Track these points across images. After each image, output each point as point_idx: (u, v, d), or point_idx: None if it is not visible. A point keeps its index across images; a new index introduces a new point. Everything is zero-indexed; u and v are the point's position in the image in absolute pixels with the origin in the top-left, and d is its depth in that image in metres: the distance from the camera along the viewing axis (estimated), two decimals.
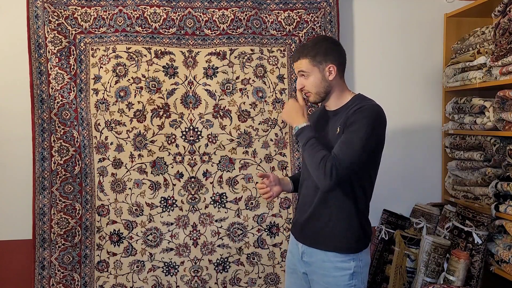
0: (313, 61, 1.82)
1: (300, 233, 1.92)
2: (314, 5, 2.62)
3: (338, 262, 1.80)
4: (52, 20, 2.46)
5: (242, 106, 2.58)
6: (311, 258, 1.87)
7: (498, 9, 2.30)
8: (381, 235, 2.65)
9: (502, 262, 2.30)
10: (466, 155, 2.58)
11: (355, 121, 1.72)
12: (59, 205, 2.50)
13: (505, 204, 2.29)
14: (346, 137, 1.72)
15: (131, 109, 2.51)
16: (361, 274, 1.83)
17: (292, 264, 1.98)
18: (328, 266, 1.81)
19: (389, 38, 2.81)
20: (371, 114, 1.74)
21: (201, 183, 2.57)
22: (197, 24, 2.55)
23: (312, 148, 1.76)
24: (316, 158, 1.72)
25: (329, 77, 1.82)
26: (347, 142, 1.71)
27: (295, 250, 1.94)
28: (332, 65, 1.81)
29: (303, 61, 1.83)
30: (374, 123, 1.74)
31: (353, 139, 1.71)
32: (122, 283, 2.54)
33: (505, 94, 2.23)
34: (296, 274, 1.96)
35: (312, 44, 1.84)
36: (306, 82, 1.85)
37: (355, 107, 1.78)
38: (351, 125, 1.73)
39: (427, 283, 2.34)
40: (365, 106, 1.76)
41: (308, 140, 1.78)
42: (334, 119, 1.86)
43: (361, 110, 1.74)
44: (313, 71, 1.83)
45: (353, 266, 1.80)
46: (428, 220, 2.67)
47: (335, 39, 1.90)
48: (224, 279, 2.59)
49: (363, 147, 1.71)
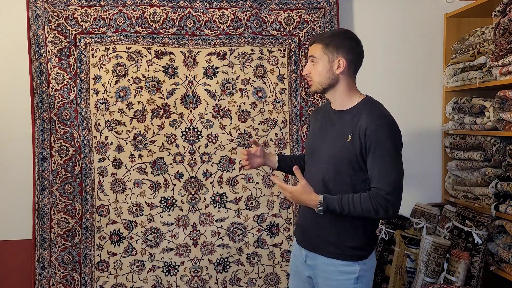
0: (325, 49, 1.78)
1: (303, 237, 1.90)
2: (314, 5, 2.62)
3: (342, 266, 1.77)
4: (52, 20, 2.46)
5: (242, 106, 2.58)
6: (314, 262, 1.83)
7: (498, 9, 2.30)
8: (381, 235, 2.65)
9: (502, 262, 2.30)
10: (466, 155, 2.58)
11: (378, 144, 1.69)
12: (59, 205, 2.50)
13: (505, 204, 2.29)
14: (379, 166, 1.69)
15: (131, 109, 2.51)
16: (366, 278, 1.79)
17: (295, 266, 1.95)
18: (332, 269, 1.78)
19: (389, 38, 2.81)
20: (390, 130, 1.71)
21: (201, 183, 2.57)
22: (197, 24, 2.55)
23: (349, 205, 1.70)
24: (365, 208, 1.69)
25: (337, 70, 1.78)
26: (383, 172, 1.69)
27: (299, 253, 1.91)
28: (343, 59, 1.77)
29: (317, 46, 1.80)
30: (396, 140, 1.73)
31: (386, 165, 1.69)
32: (122, 283, 2.54)
33: (505, 94, 2.23)
34: (300, 277, 1.92)
35: (330, 33, 1.82)
36: (313, 68, 1.81)
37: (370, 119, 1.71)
38: (376, 149, 1.69)
39: (427, 283, 2.34)
40: (381, 122, 1.71)
41: (339, 204, 1.71)
42: (341, 121, 1.81)
43: (380, 128, 1.70)
44: (322, 58, 1.79)
45: (357, 270, 1.76)
46: (428, 220, 2.67)
47: (356, 37, 1.84)
48: (224, 279, 2.59)
49: (397, 166, 1.70)
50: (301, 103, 2.63)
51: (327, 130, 1.85)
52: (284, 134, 2.62)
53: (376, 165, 1.69)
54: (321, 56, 1.79)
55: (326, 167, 1.80)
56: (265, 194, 2.61)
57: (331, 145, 1.80)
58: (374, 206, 1.67)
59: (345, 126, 1.77)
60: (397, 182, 1.69)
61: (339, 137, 1.78)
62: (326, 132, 1.85)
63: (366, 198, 1.69)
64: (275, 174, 2.56)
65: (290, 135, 2.63)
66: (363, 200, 1.69)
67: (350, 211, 1.70)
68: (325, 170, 1.80)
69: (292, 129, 2.63)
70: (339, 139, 1.77)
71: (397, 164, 1.70)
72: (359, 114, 1.75)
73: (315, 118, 1.98)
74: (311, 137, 1.96)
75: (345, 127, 1.77)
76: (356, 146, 1.72)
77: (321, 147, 1.85)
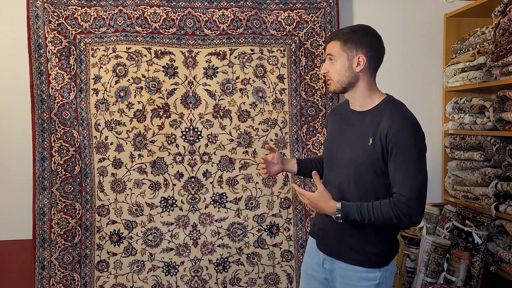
0: (344, 46, 1.67)
1: (322, 240, 1.80)
2: (314, 5, 2.62)
3: (363, 272, 1.69)
4: (52, 20, 2.46)
5: (242, 106, 2.58)
6: (333, 266, 1.75)
7: (498, 9, 2.30)
8: None
9: (502, 262, 2.30)
10: (466, 155, 2.58)
11: (400, 147, 1.60)
12: (59, 205, 2.50)
13: (505, 204, 2.29)
14: (401, 171, 1.60)
15: (131, 109, 2.51)
16: (386, 284, 1.72)
17: (310, 269, 1.85)
18: (352, 275, 1.70)
19: (389, 38, 2.78)
20: (413, 132, 1.63)
21: (201, 183, 2.57)
22: (197, 24, 2.55)
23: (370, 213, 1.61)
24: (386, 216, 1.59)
25: (356, 68, 1.68)
26: (405, 177, 1.59)
27: (315, 255, 1.82)
28: (362, 56, 1.66)
29: (335, 43, 1.70)
30: (420, 143, 1.65)
31: (409, 169, 1.59)
32: (122, 283, 2.54)
33: (505, 94, 2.23)
34: (316, 280, 1.83)
35: (349, 29, 1.70)
36: (331, 67, 1.71)
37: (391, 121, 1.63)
38: (398, 153, 1.60)
39: (427, 283, 2.34)
40: (404, 124, 1.62)
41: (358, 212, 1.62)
42: (361, 121, 1.71)
43: (402, 130, 1.61)
44: (341, 56, 1.69)
45: (378, 276, 1.68)
46: (428, 220, 2.67)
47: (376, 33, 1.72)
48: (224, 279, 2.59)
49: (421, 171, 1.61)
50: (301, 103, 2.63)
51: (346, 132, 1.75)
52: (284, 134, 2.62)
53: (398, 169, 1.60)
54: (340, 53, 1.69)
55: (347, 172, 1.70)
56: (265, 194, 2.61)
57: (350, 149, 1.70)
58: (396, 213, 1.58)
59: (366, 128, 1.67)
60: (421, 187, 1.60)
61: (359, 140, 1.68)
62: (345, 134, 1.75)
63: (387, 205, 1.60)
64: None
65: (290, 135, 2.63)
66: (384, 208, 1.60)
67: (371, 219, 1.61)
68: (345, 174, 1.71)
69: (292, 129, 2.63)
70: (359, 142, 1.68)
71: (421, 169, 1.61)
72: (380, 115, 1.66)
73: (333, 118, 1.87)
74: (329, 139, 1.86)
75: (366, 129, 1.67)
76: (377, 150, 1.62)
77: (340, 150, 1.75)
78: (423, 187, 1.61)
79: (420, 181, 1.60)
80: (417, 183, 1.59)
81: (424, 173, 1.62)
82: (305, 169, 1.96)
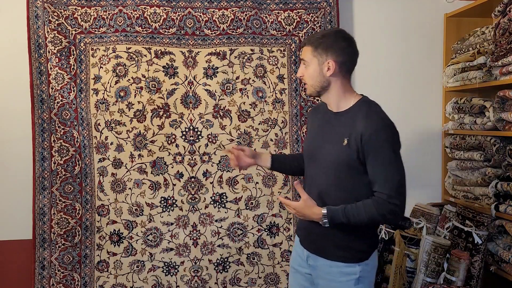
0: (315, 51, 1.72)
1: (305, 238, 1.87)
2: (314, 5, 2.62)
3: (344, 267, 1.75)
4: (52, 20, 2.46)
5: (242, 106, 2.58)
6: (316, 263, 1.81)
7: (498, 9, 2.30)
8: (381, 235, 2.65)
9: (502, 262, 2.30)
10: (466, 155, 2.58)
11: (376, 149, 1.65)
12: (59, 205, 2.50)
13: (505, 204, 2.29)
14: (380, 171, 1.66)
15: (131, 109, 2.51)
16: (368, 278, 1.78)
17: (297, 264, 1.92)
18: (334, 271, 1.76)
19: (389, 38, 2.81)
20: (387, 133, 1.68)
21: (201, 183, 2.57)
22: (197, 24, 2.55)
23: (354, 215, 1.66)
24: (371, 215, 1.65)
25: (327, 72, 1.72)
26: (383, 177, 1.65)
27: (300, 251, 1.90)
28: (332, 61, 1.70)
29: (307, 49, 1.75)
30: (394, 143, 1.69)
31: (386, 169, 1.65)
32: (122, 283, 2.54)
33: (505, 94, 2.23)
34: (300, 274, 1.91)
35: (321, 35, 1.75)
36: (305, 71, 1.78)
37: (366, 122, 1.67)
38: (375, 154, 1.65)
39: (427, 283, 2.34)
40: (378, 125, 1.67)
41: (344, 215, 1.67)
42: (337, 122, 1.77)
43: (377, 133, 1.65)
44: (312, 61, 1.74)
45: (359, 270, 1.74)
46: (428, 220, 2.67)
47: (348, 37, 1.76)
48: (224, 279, 2.59)
49: (398, 169, 1.67)
50: (301, 103, 2.63)
51: (325, 132, 1.81)
52: (284, 134, 2.62)
53: (376, 170, 1.66)
54: (311, 59, 1.74)
55: (326, 171, 1.76)
56: (265, 194, 2.61)
57: (329, 148, 1.76)
58: (380, 212, 1.64)
59: (342, 129, 1.73)
60: (399, 185, 1.66)
61: (336, 140, 1.74)
62: (324, 133, 1.81)
63: (370, 205, 1.65)
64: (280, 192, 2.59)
65: (290, 135, 2.63)
66: (368, 208, 1.65)
67: (356, 220, 1.66)
68: (325, 174, 1.76)
69: (292, 129, 2.63)
70: (336, 142, 1.73)
71: (397, 167, 1.67)
72: (355, 116, 1.71)
73: (314, 116, 1.92)
74: (309, 138, 1.92)
75: (342, 130, 1.73)
76: (352, 150, 1.68)
77: (321, 150, 1.80)
78: (402, 184, 1.67)
79: (398, 179, 1.66)
80: (396, 181, 1.65)
81: (401, 171, 1.68)
82: (280, 164, 2.02)
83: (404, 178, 1.68)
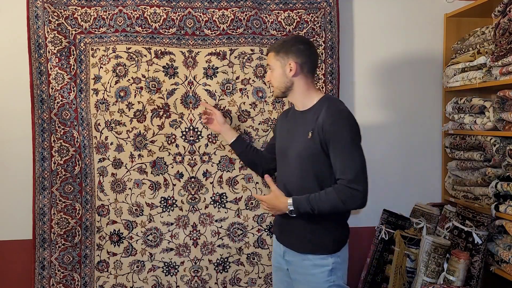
0: (277, 56, 1.94)
1: (280, 234, 2.04)
2: (314, 5, 2.62)
3: (316, 259, 1.87)
4: (52, 20, 2.46)
5: (242, 106, 2.58)
6: (291, 258, 1.96)
7: (498, 9, 2.30)
8: (381, 235, 2.65)
9: (502, 262, 2.30)
10: (466, 155, 2.58)
11: (336, 137, 1.79)
12: (59, 205, 2.50)
13: (505, 204, 2.29)
14: (340, 158, 1.79)
15: (131, 109, 2.51)
16: (341, 270, 1.90)
17: (276, 262, 2.08)
18: (307, 264, 1.89)
19: (389, 38, 2.81)
20: (346, 123, 1.82)
21: (201, 183, 2.57)
22: (197, 24, 2.55)
23: (318, 202, 1.79)
24: (333, 202, 1.78)
25: (289, 73, 1.92)
26: (343, 163, 1.79)
27: (278, 248, 2.05)
28: (293, 62, 1.91)
29: (270, 55, 1.98)
30: (353, 131, 1.83)
31: (346, 156, 1.79)
32: (122, 283, 2.54)
33: (505, 94, 2.23)
34: (281, 271, 2.05)
35: (281, 41, 1.97)
36: (271, 76, 2.00)
37: (326, 115, 1.83)
38: (335, 142, 1.80)
39: (427, 283, 2.34)
40: (337, 116, 1.82)
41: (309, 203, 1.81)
42: (303, 120, 1.94)
43: (337, 122, 1.81)
44: (276, 65, 1.95)
45: (331, 262, 1.86)
46: (428, 220, 2.67)
47: (306, 40, 2.01)
48: (224, 279, 2.59)
49: (358, 155, 1.80)
50: None
51: (293, 130, 1.98)
52: None
53: (337, 157, 1.80)
54: (275, 63, 1.95)
55: (294, 166, 1.92)
56: (265, 194, 2.61)
57: (296, 144, 1.93)
58: (341, 197, 1.76)
59: (307, 125, 1.90)
60: (359, 171, 1.77)
61: (303, 135, 1.90)
62: (293, 132, 1.98)
63: (331, 192, 1.78)
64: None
65: None
66: (330, 195, 1.78)
67: (320, 208, 1.79)
68: (293, 167, 1.93)
69: None
70: (303, 137, 1.90)
71: (357, 154, 1.80)
72: (318, 112, 1.88)
73: (283, 119, 2.11)
74: (280, 138, 2.08)
75: (307, 126, 1.89)
76: (316, 142, 1.83)
77: (290, 147, 1.97)
78: (362, 170, 1.79)
79: (358, 165, 1.79)
80: (356, 167, 1.78)
81: (361, 158, 1.81)
82: (240, 145, 2.31)
83: (365, 165, 1.80)
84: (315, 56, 1.98)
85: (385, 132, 2.80)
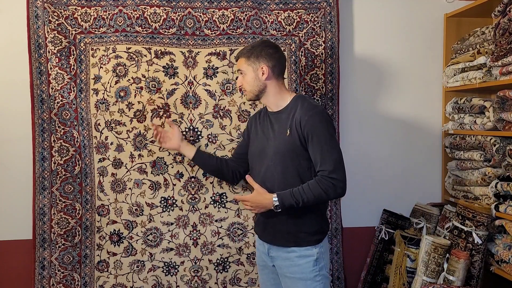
0: (248, 61, 2.02)
1: (263, 232, 2.10)
2: (314, 5, 2.62)
3: (301, 251, 1.97)
4: (52, 20, 2.46)
5: (242, 106, 2.58)
6: (277, 253, 2.03)
7: (498, 9, 2.30)
8: (381, 235, 2.65)
9: (502, 262, 2.30)
10: (466, 155, 2.58)
11: (314, 131, 1.90)
12: (59, 205, 2.50)
13: (505, 204, 2.29)
14: (319, 151, 1.89)
15: (131, 109, 2.51)
16: (324, 260, 2.01)
17: (261, 260, 2.16)
18: (293, 256, 1.98)
19: (389, 38, 2.81)
20: (322, 118, 1.93)
21: (201, 183, 2.57)
22: (197, 24, 2.55)
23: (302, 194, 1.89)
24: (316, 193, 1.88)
25: (262, 77, 2.01)
26: (322, 155, 1.89)
27: (262, 247, 2.12)
28: (265, 66, 2.00)
29: (241, 60, 2.05)
30: (329, 125, 1.94)
31: (324, 148, 1.89)
32: (122, 283, 2.54)
33: (505, 94, 2.23)
34: (267, 269, 2.13)
35: (250, 47, 2.05)
36: (243, 80, 2.06)
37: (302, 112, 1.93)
38: (313, 136, 1.90)
39: (427, 283, 2.34)
40: (313, 112, 1.92)
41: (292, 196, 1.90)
42: (278, 120, 2.03)
43: (313, 117, 1.91)
44: (248, 70, 2.03)
45: (316, 252, 1.97)
46: (428, 220, 2.67)
47: (274, 44, 2.09)
48: (224, 279, 2.59)
49: (334, 147, 1.91)
50: None
51: (268, 131, 2.07)
52: None
53: (316, 150, 1.90)
54: (246, 68, 2.03)
55: (275, 163, 1.99)
56: None
57: (274, 143, 2.01)
58: (323, 188, 1.86)
59: (284, 123, 1.99)
60: (337, 161, 1.89)
61: (280, 134, 1.99)
62: (268, 132, 2.06)
63: (314, 183, 1.88)
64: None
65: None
66: (312, 186, 1.88)
67: (304, 200, 1.88)
68: (272, 166, 2.00)
69: None
70: (281, 135, 1.99)
71: (334, 145, 1.92)
72: (293, 110, 1.98)
73: (254, 122, 2.19)
74: (256, 140, 2.14)
75: (284, 124, 1.99)
76: (295, 138, 1.93)
77: (268, 145, 2.04)
78: (340, 161, 1.91)
79: (336, 156, 1.90)
80: (334, 158, 1.89)
81: (338, 149, 1.94)
82: (203, 160, 2.33)
83: (341, 155, 1.93)
84: (284, 59, 2.08)
85: (385, 132, 2.80)
